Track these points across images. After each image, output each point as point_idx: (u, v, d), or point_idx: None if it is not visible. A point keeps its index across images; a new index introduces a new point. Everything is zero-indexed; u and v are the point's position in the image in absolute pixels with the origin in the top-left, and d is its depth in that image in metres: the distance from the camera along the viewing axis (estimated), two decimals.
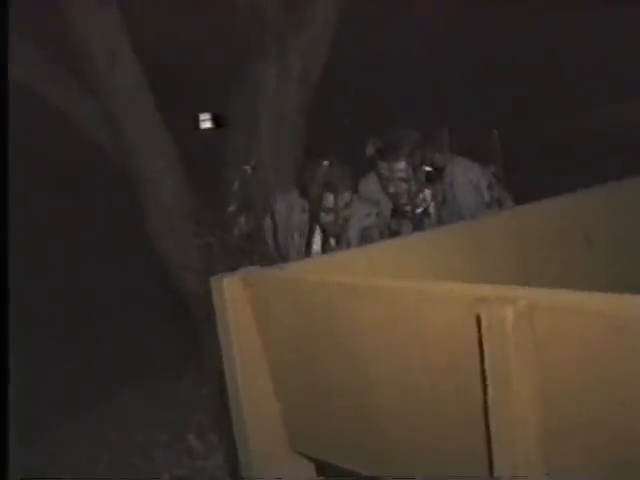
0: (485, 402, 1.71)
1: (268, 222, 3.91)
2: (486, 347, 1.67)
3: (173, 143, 5.06)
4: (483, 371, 1.70)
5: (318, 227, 3.84)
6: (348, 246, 3.70)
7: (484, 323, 1.67)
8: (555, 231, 2.96)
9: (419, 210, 3.84)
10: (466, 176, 3.87)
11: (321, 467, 2.45)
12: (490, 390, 1.69)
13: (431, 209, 3.83)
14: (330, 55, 5.10)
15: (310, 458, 2.40)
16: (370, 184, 4.08)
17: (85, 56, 4.79)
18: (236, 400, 2.35)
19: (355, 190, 3.85)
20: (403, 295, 1.90)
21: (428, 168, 3.83)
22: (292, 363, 2.28)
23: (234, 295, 2.28)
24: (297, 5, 5.02)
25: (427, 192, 3.90)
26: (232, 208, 3.95)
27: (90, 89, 4.88)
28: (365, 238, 3.76)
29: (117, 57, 4.83)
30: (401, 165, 3.81)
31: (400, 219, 3.82)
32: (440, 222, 3.74)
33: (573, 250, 2.99)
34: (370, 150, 4.01)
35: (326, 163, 3.82)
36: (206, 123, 4.91)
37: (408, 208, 3.88)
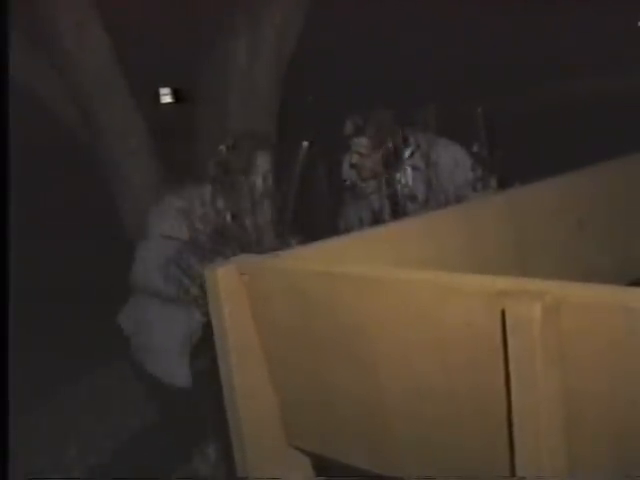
0: (508, 401, 1.63)
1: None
2: (511, 345, 1.59)
3: (143, 120, 4.93)
4: (507, 369, 1.62)
5: None
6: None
7: (509, 321, 1.58)
8: (549, 214, 2.90)
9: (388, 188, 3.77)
10: (449, 156, 3.80)
11: (320, 466, 2.36)
12: (514, 390, 1.61)
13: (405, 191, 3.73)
14: (303, 31, 5.00)
15: (307, 453, 2.32)
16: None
17: (52, 32, 4.64)
18: (231, 393, 2.25)
19: None
20: (419, 289, 1.80)
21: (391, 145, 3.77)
22: (291, 357, 2.18)
23: (229, 285, 2.16)
24: None
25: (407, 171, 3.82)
26: (208, 190, 3.81)
27: (58, 66, 4.73)
28: None
29: (85, 32, 4.68)
30: (363, 141, 3.76)
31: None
32: (426, 203, 3.66)
33: (566, 233, 2.93)
34: (349, 129, 3.93)
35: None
36: (166, 97, 4.80)
37: (365, 185, 3.81)
